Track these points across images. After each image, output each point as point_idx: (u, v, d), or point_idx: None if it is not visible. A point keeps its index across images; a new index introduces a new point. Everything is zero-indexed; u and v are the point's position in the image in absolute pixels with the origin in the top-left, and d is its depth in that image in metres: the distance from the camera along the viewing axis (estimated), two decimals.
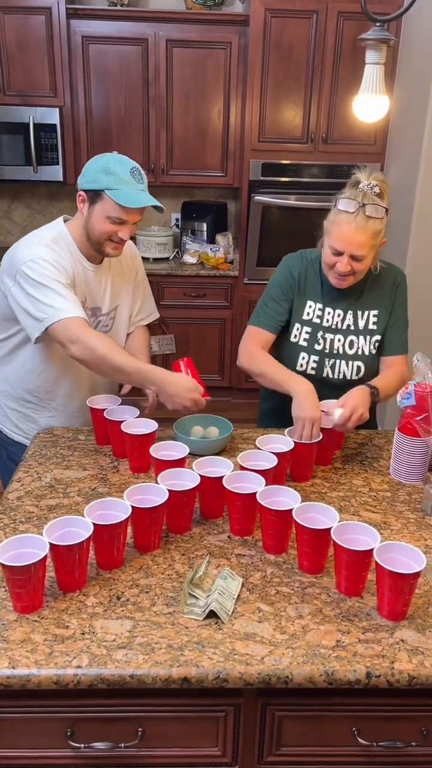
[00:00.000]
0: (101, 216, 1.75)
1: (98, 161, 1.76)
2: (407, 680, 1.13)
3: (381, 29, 1.56)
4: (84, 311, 1.77)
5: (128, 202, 1.72)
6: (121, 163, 1.74)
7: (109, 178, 1.72)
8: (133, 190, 1.73)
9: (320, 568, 1.36)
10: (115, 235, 1.78)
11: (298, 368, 1.95)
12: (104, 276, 1.94)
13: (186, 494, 1.44)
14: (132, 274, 2.04)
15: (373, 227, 1.75)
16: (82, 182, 1.77)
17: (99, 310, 1.95)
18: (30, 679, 1.10)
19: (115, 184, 1.71)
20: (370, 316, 1.95)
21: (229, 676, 1.12)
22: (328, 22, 3.67)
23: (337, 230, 1.77)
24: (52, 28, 3.78)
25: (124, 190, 1.72)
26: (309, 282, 1.95)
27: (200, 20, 3.84)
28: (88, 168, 1.77)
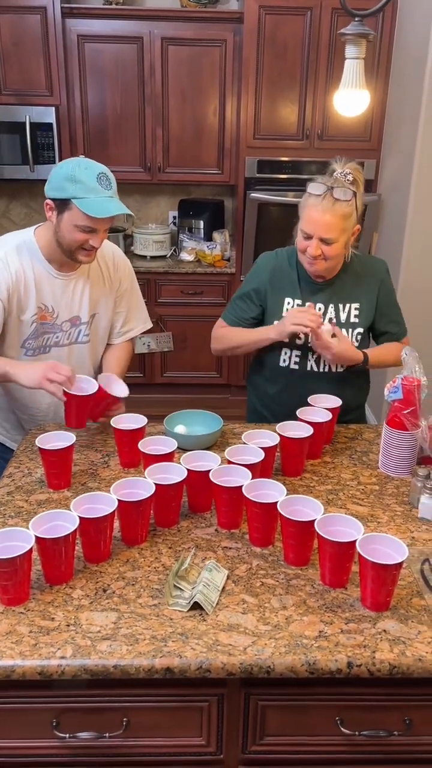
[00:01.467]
0: (70, 225, 1.71)
1: (64, 167, 1.70)
2: (388, 669, 1.14)
3: (360, 24, 1.57)
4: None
5: (95, 211, 1.67)
6: (87, 170, 1.68)
7: (75, 186, 1.66)
8: (100, 197, 1.68)
9: (305, 560, 1.37)
10: (86, 243, 1.74)
11: (281, 364, 1.96)
12: (80, 284, 1.90)
13: (173, 488, 1.45)
14: (114, 285, 1.99)
15: (341, 209, 1.76)
16: (49, 190, 1.72)
17: (78, 319, 1.92)
18: (14, 669, 1.12)
19: (81, 193, 1.66)
20: (351, 308, 1.96)
21: (212, 667, 1.13)
22: (322, 18, 3.68)
23: (306, 213, 1.80)
24: (47, 27, 3.79)
25: (90, 199, 1.66)
26: (285, 278, 1.96)
27: (195, 18, 3.85)
28: (54, 175, 1.71)
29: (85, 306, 1.92)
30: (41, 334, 1.88)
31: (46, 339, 1.90)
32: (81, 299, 1.91)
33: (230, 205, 4.53)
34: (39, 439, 1.61)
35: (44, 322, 1.86)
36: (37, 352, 1.90)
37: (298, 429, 1.69)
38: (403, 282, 3.47)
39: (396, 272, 3.45)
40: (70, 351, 1.95)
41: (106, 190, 1.69)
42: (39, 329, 1.87)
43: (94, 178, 1.68)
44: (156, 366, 4.29)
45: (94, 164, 1.71)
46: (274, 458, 1.67)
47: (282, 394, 1.92)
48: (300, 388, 1.88)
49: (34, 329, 1.86)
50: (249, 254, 4.08)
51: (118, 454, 1.73)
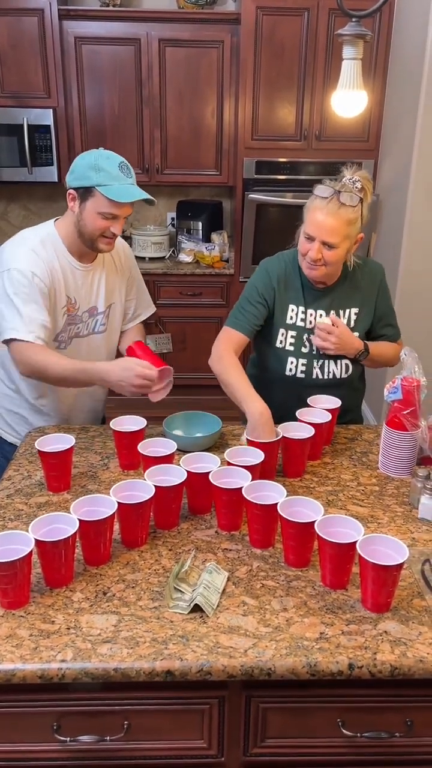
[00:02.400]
0: (93, 212, 1.76)
1: (86, 158, 1.76)
2: (389, 671, 1.14)
3: (357, 25, 1.57)
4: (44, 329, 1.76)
5: (120, 196, 1.73)
6: (109, 159, 1.75)
7: (98, 174, 1.72)
8: (124, 185, 1.74)
9: (306, 562, 1.37)
10: (107, 231, 1.79)
11: (287, 373, 1.95)
12: (97, 275, 1.94)
13: (173, 490, 1.45)
14: (126, 273, 2.05)
15: (346, 215, 1.75)
16: (72, 180, 1.77)
17: (95, 309, 1.96)
18: (15, 673, 1.11)
19: (106, 180, 1.72)
20: (351, 313, 1.95)
21: (213, 669, 1.13)
22: (319, 19, 3.67)
23: (310, 216, 1.79)
24: (44, 30, 3.79)
25: (114, 186, 1.73)
26: (289, 284, 1.95)
27: (192, 19, 3.85)
28: (77, 165, 1.77)
29: (101, 296, 1.96)
30: (68, 325, 1.91)
31: (70, 330, 1.92)
32: (98, 290, 1.95)
33: (228, 206, 4.52)
34: (38, 442, 1.60)
35: (70, 314, 1.90)
36: (65, 344, 1.93)
37: (299, 430, 1.69)
38: (401, 282, 3.47)
39: (394, 273, 3.45)
40: (89, 341, 1.98)
41: (127, 177, 1.76)
42: (67, 321, 1.90)
43: (117, 166, 1.74)
44: None
45: (114, 154, 1.77)
46: (276, 459, 1.67)
47: (288, 402, 1.92)
48: (305, 395, 1.87)
49: (65, 321, 1.89)
50: (248, 255, 4.08)
51: (118, 456, 1.73)
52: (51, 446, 1.60)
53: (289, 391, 1.96)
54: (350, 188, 1.77)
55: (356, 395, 2.08)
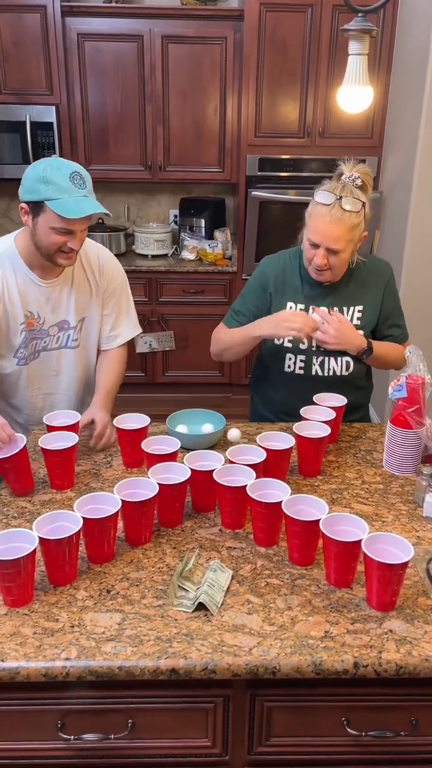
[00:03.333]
0: (45, 228, 1.66)
1: (35, 169, 1.65)
2: (395, 670, 1.13)
3: (363, 20, 1.56)
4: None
5: (69, 212, 1.62)
6: (59, 170, 1.63)
7: (47, 187, 1.62)
8: (74, 197, 1.63)
9: (310, 560, 1.37)
10: (64, 246, 1.70)
11: (286, 369, 1.95)
12: (65, 289, 1.87)
13: (176, 488, 1.44)
14: (100, 287, 1.94)
15: (349, 221, 1.74)
16: (22, 193, 1.68)
17: (66, 323, 1.90)
18: (19, 671, 1.11)
19: (55, 194, 1.62)
20: (354, 311, 1.95)
21: (217, 668, 1.12)
22: (323, 15, 3.66)
23: (313, 223, 1.78)
24: (47, 26, 3.78)
25: (64, 200, 1.62)
26: (288, 282, 1.94)
27: (195, 16, 3.84)
28: (27, 176, 1.67)
29: (71, 310, 1.89)
30: (30, 340, 1.86)
31: (34, 345, 1.88)
32: (67, 305, 1.88)
33: (231, 203, 4.51)
34: (42, 440, 1.60)
35: (31, 329, 1.85)
36: (28, 360, 1.88)
37: (314, 428, 1.68)
38: (405, 280, 3.46)
39: (398, 270, 3.44)
40: (59, 355, 1.93)
41: (80, 189, 1.64)
42: (28, 336, 1.85)
43: (67, 177, 1.63)
44: (158, 365, 4.28)
45: (66, 163, 1.66)
46: (289, 461, 1.65)
47: (289, 400, 1.92)
48: (306, 392, 1.87)
49: (23, 337, 1.84)
50: (250, 252, 4.07)
51: (121, 455, 1.73)
52: (54, 444, 1.59)
53: (290, 388, 1.96)
54: (351, 188, 1.75)
55: (362, 394, 2.06)
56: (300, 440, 1.66)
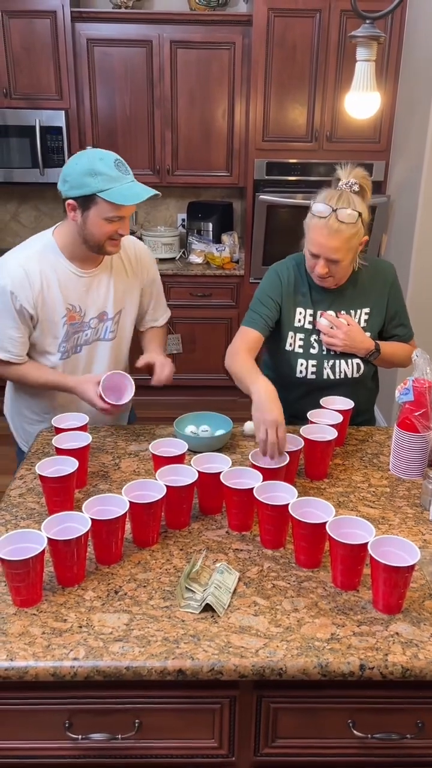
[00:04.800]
0: (98, 219, 1.69)
1: (79, 163, 1.67)
2: (401, 672, 1.13)
3: (371, 26, 1.57)
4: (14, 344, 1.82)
5: (125, 199, 1.66)
6: (103, 160, 1.66)
7: (96, 179, 1.64)
8: (125, 184, 1.67)
9: (317, 563, 1.37)
10: (114, 234, 1.74)
11: (298, 374, 1.96)
12: (104, 279, 1.90)
13: (184, 490, 1.45)
14: (138, 276, 1.98)
15: (347, 231, 1.74)
16: (68, 190, 1.69)
17: (105, 314, 1.92)
18: (27, 670, 1.12)
19: (106, 184, 1.64)
20: (362, 314, 1.96)
21: (224, 669, 1.13)
22: (331, 20, 3.67)
23: (312, 235, 1.79)
24: (57, 32, 3.81)
25: (116, 188, 1.65)
26: (297, 288, 1.96)
27: (204, 21, 3.86)
28: (69, 173, 1.68)
29: (110, 301, 1.91)
30: (71, 334, 1.88)
31: (76, 338, 1.90)
32: (107, 294, 1.90)
33: (239, 207, 4.53)
34: (55, 439, 1.62)
35: (73, 323, 1.87)
36: (69, 353, 1.91)
37: (322, 432, 1.69)
38: (412, 283, 3.46)
39: (405, 274, 3.44)
40: (93, 347, 1.95)
41: (126, 175, 1.68)
42: (70, 330, 1.87)
43: (113, 166, 1.66)
44: None
45: (106, 153, 1.69)
46: (297, 464, 1.66)
47: (300, 403, 1.93)
48: (317, 395, 1.88)
49: (65, 331, 1.86)
50: (258, 256, 4.08)
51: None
52: (67, 444, 1.61)
53: (302, 392, 1.97)
54: (348, 195, 1.75)
55: (370, 395, 2.08)
56: (307, 443, 1.66)
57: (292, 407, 1.95)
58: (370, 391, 2.06)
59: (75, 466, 1.51)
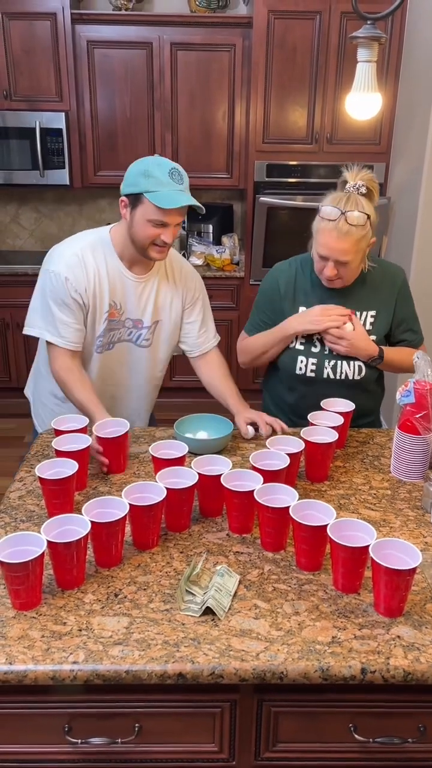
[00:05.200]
0: (143, 220, 1.74)
1: (138, 165, 1.74)
2: (402, 676, 1.13)
3: (372, 27, 1.57)
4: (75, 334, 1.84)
5: (164, 202, 1.68)
6: (159, 165, 1.71)
7: (147, 180, 1.69)
8: (172, 191, 1.69)
9: (318, 565, 1.36)
10: (158, 239, 1.76)
11: (297, 371, 1.96)
12: (148, 288, 1.92)
13: (184, 492, 1.45)
14: (179, 293, 1.98)
15: (356, 234, 1.75)
16: (124, 187, 1.76)
17: (140, 322, 1.95)
18: (27, 674, 1.12)
19: (154, 186, 1.69)
20: (367, 316, 1.95)
21: (224, 672, 1.12)
22: (331, 22, 3.67)
23: (320, 238, 1.80)
24: (57, 34, 3.81)
25: (162, 192, 1.68)
26: (299, 288, 1.96)
27: (204, 23, 3.86)
28: (129, 172, 1.75)
29: (149, 311, 1.94)
30: (109, 330, 1.91)
31: (111, 336, 1.93)
32: (146, 304, 1.93)
33: (239, 209, 4.53)
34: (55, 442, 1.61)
35: (112, 319, 1.90)
36: (104, 348, 1.94)
37: (323, 434, 1.69)
38: (412, 285, 3.42)
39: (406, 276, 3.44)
40: (130, 349, 1.98)
41: (177, 183, 1.70)
42: (108, 326, 1.90)
43: (167, 172, 1.70)
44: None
45: (166, 161, 1.73)
46: (298, 466, 1.66)
47: (300, 402, 1.93)
48: (317, 395, 1.88)
49: (105, 326, 1.90)
50: (258, 258, 4.08)
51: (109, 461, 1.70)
52: (67, 446, 1.60)
53: (301, 390, 1.97)
54: (356, 198, 1.76)
55: (373, 398, 2.07)
56: (308, 445, 1.66)
57: (291, 406, 1.95)
58: (373, 394, 2.05)
59: (75, 469, 1.51)
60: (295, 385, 1.98)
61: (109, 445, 1.68)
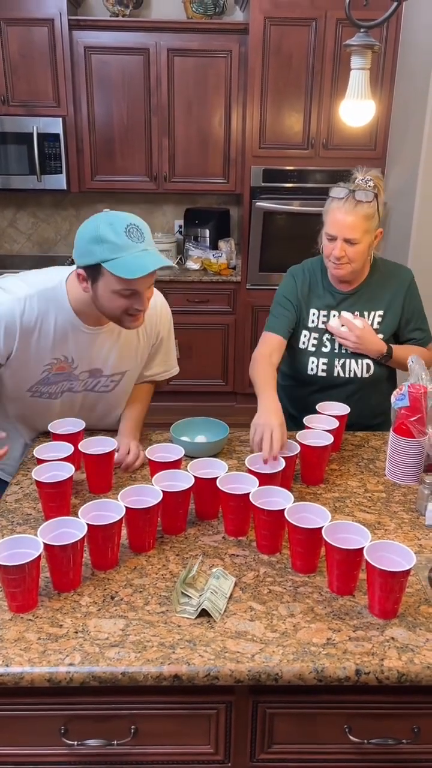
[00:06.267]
0: (107, 292, 1.51)
1: (86, 230, 1.50)
2: (396, 677, 1.14)
3: (366, 35, 1.58)
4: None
5: (129, 272, 1.46)
6: (111, 225, 1.47)
7: (101, 247, 1.46)
8: (134, 254, 1.47)
9: (313, 568, 1.37)
10: (131, 308, 1.54)
11: (309, 372, 2.01)
12: (108, 340, 1.72)
13: (180, 495, 1.45)
14: (151, 339, 1.82)
15: (363, 211, 1.81)
16: (77, 257, 1.53)
17: (99, 371, 1.76)
18: (23, 676, 1.12)
19: (111, 254, 1.46)
20: (375, 316, 2.00)
21: (220, 674, 1.13)
22: (327, 29, 3.70)
23: (330, 217, 1.86)
24: (54, 39, 3.83)
25: (122, 258, 1.46)
26: (312, 290, 2.02)
27: (201, 29, 3.89)
28: (79, 239, 1.52)
29: (110, 362, 1.75)
30: (54, 382, 1.73)
31: (60, 386, 1.75)
32: (108, 355, 1.74)
33: (236, 213, 4.55)
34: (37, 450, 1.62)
35: (61, 372, 1.71)
36: (45, 396, 1.75)
37: (318, 437, 1.70)
38: None
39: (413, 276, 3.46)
40: (84, 398, 1.80)
41: (138, 243, 1.48)
42: (51, 378, 1.71)
43: (122, 232, 1.47)
44: None
45: (119, 216, 1.50)
46: (294, 469, 1.67)
47: (312, 397, 1.98)
48: (329, 392, 1.97)
49: (44, 377, 1.71)
50: (255, 263, 4.10)
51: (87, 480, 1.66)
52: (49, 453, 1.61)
53: (314, 389, 2.03)
54: (364, 187, 1.83)
55: (383, 397, 2.08)
56: (303, 448, 1.67)
57: (304, 402, 2.01)
58: (385, 394, 2.07)
59: (71, 472, 1.51)
60: (307, 383, 2.04)
61: (94, 463, 1.62)
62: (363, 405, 2.01)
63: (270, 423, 1.60)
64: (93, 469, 1.63)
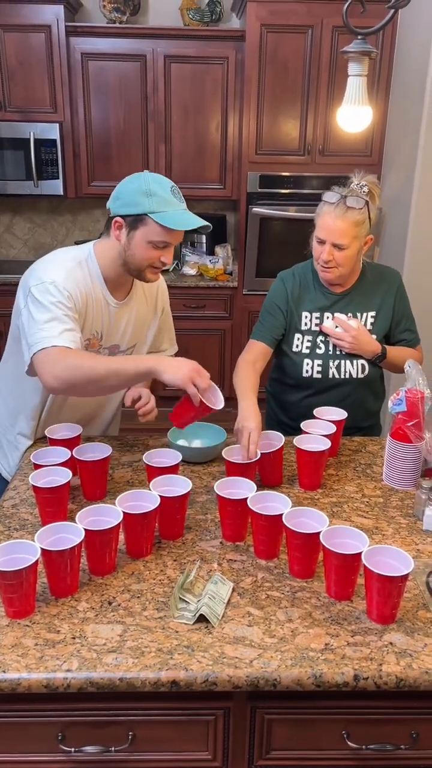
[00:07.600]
0: (143, 241, 1.61)
1: (134, 182, 1.62)
2: (395, 682, 1.13)
3: (363, 42, 1.60)
4: (80, 343, 1.62)
5: (177, 224, 1.59)
6: (160, 184, 1.61)
7: (150, 200, 1.58)
8: (178, 210, 1.61)
9: (311, 573, 1.37)
10: (157, 261, 1.65)
11: (304, 374, 2.01)
12: (126, 313, 1.81)
13: (178, 500, 1.45)
14: (158, 312, 1.93)
15: (353, 217, 1.83)
16: (118, 207, 1.62)
17: (117, 347, 1.84)
18: (20, 682, 1.11)
19: (159, 206, 1.58)
20: (368, 317, 2.02)
21: (218, 680, 1.13)
22: (323, 36, 3.72)
23: (320, 220, 1.88)
24: (51, 46, 3.84)
25: (169, 212, 1.59)
26: (303, 293, 2.03)
27: (198, 36, 3.90)
28: (124, 191, 1.62)
29: (127, 336, 1.85)
30: None
31: None
32: (125, 329, 1.83)
33: (232, 219, 4.56)
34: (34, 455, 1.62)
35: (91, 350, 1.77)
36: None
37: (315, 442, 1.70)
38: None
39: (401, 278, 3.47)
40: None
41: (180, 202, 1.63)
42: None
43: (169, 190, 1.61)
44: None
45: (164, 178, 1.64)
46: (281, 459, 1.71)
47: (305, 401, 1.98)
48: (324, 395, 1.98)
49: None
50: (251, 268, 4.10)
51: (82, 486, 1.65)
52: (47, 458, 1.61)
53: (309, 392, 2.03)
54: (357, 192, 1.85)
55: (376, 399, 2.11)
56: (300, 453, 1.67)
57: (296, 408, 2.00)
58: (377, 395, 2.11)
59: (68, 477, 1.51)
60: (301, 387, 2.04)
61: (88, 470, 1.62)
62: (357, 407, 2.01)
63: (248, 426, 1.68)
64: (87, 475, 1.63)
